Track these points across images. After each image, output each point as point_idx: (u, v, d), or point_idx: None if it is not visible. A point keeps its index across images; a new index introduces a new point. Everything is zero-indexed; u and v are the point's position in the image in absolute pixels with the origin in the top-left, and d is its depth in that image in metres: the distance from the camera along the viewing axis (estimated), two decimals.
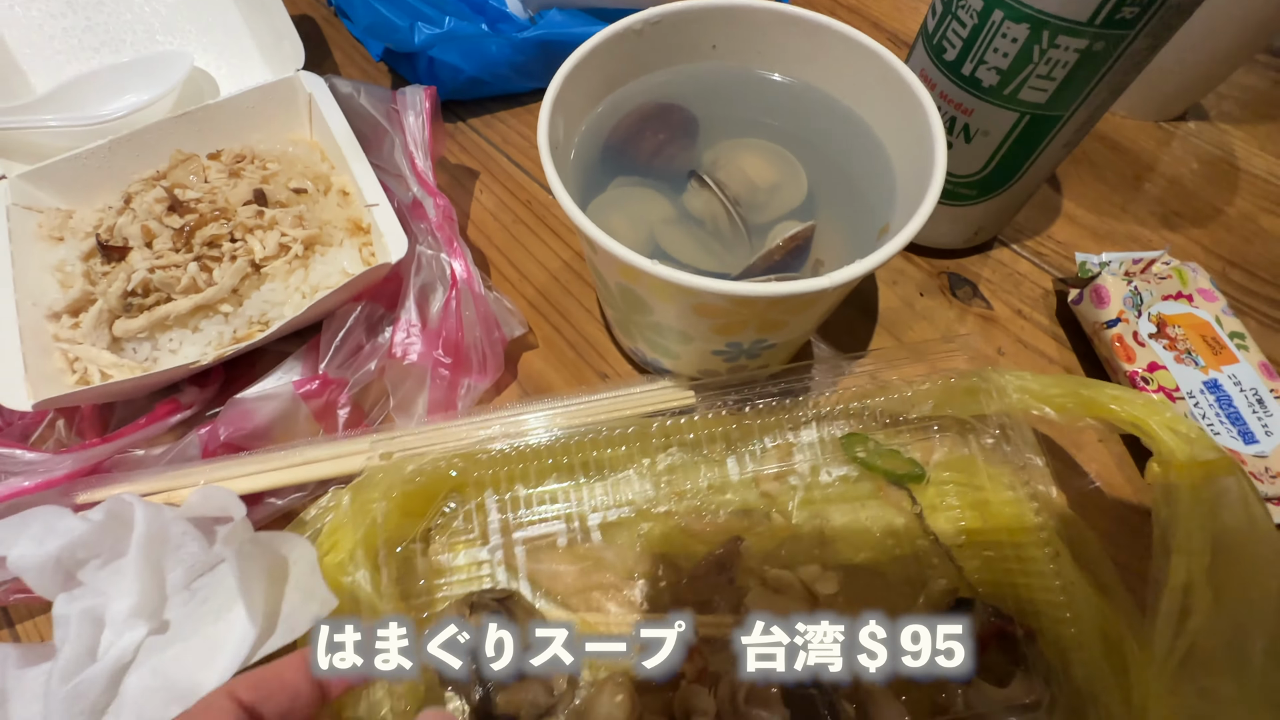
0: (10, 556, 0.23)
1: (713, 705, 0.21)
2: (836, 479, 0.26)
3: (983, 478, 0.26)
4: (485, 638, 0.20)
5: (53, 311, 0.30)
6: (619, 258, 0.22)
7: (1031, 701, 0.22)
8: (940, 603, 0.24)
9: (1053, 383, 0.26)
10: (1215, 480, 0.22)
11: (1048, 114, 0.28)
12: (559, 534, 0.26)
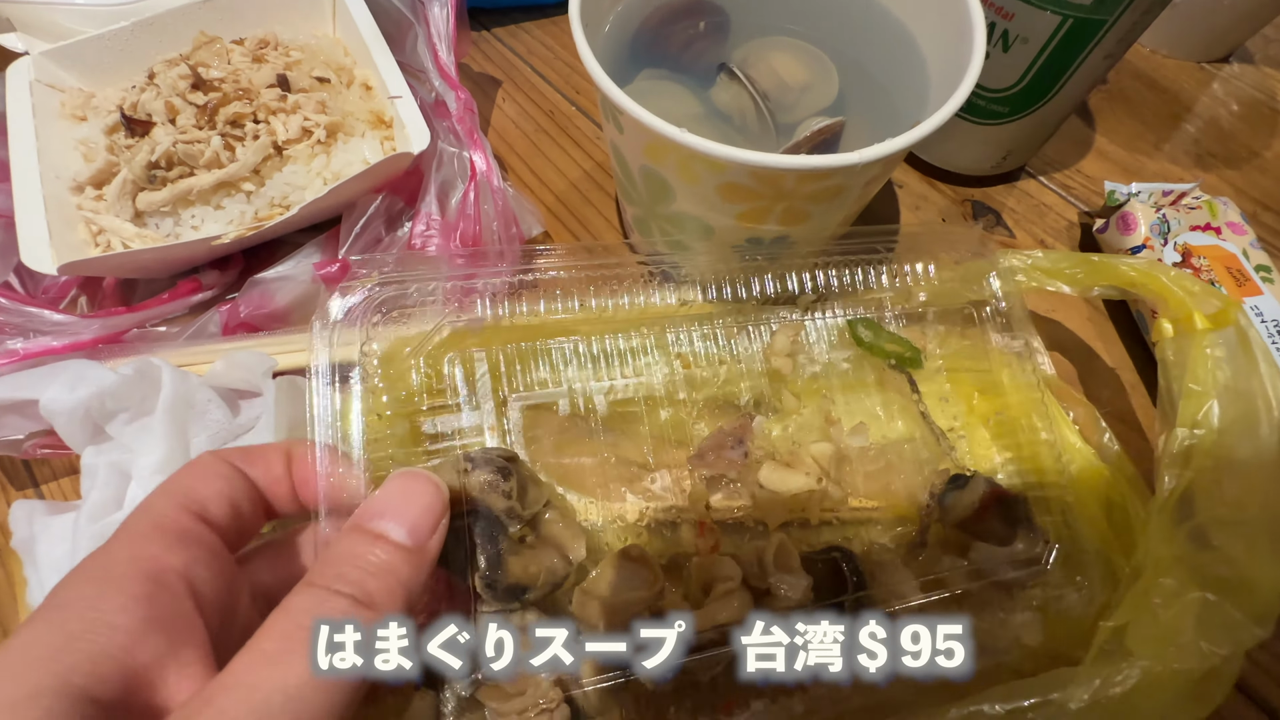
0: (43, 400, 0.23)
1: (738, 571, 0.21)
2: (842, 361, 0.27)
3: (982, 356, 0.27)
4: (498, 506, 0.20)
5: (77, 183, 0.30)
6: (649, 127, 0.22)
7: (1032, 556, 0.22)
8: (937, 486, 0.24)
9: (1062, 257, 0.27)
10: (1220, 330, 0.23)
11: (1092, 17, 0.27)
12: (560, 400, 0.26)
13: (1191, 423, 0.23)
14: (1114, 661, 0.21)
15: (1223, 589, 0.21)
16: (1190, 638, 0.20)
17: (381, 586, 0.14)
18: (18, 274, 0.30)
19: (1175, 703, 0.21)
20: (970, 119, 0.34)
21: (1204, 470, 0.23)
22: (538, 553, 0.21)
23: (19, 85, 0.33)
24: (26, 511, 0.26)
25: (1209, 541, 0.22)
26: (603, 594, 0.20)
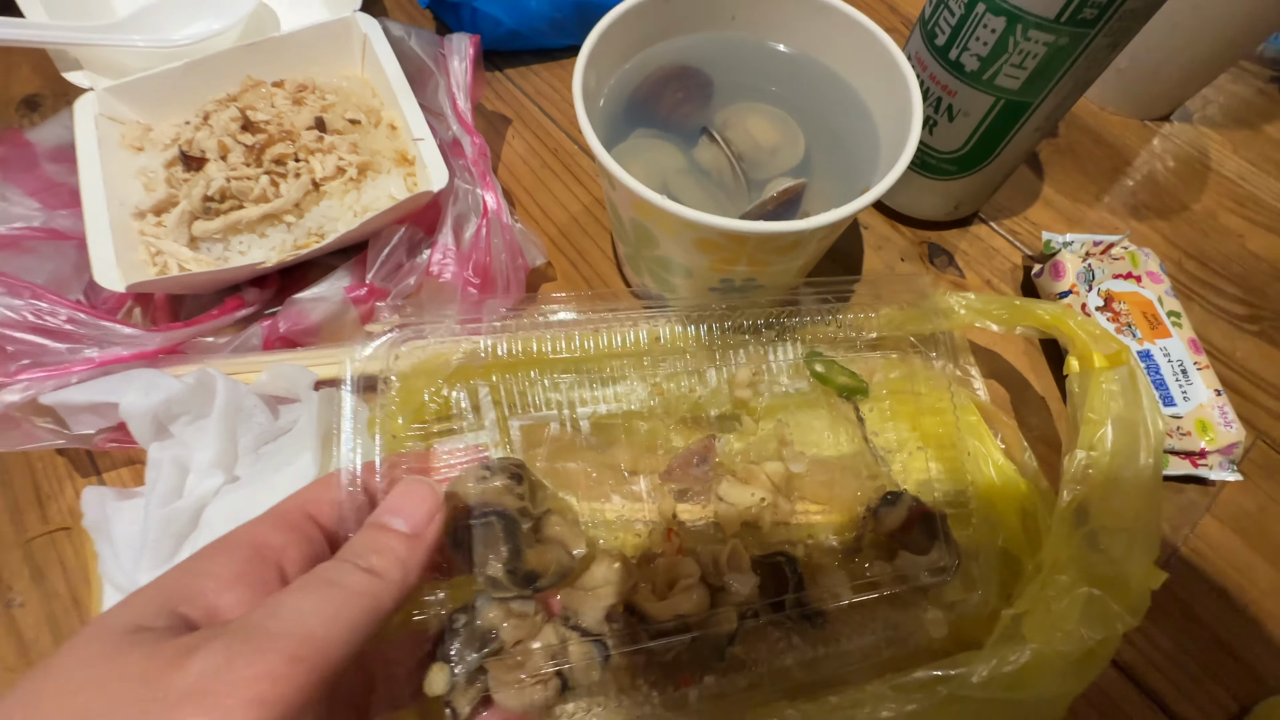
0: (122, 403, 0.28)
1: (697, 569, 0.25)
2: (797, 391, 0.31)
3: (923, 382, 0.31)
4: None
5: (139, 210, 0.35)
6: (635, 193, 0.26)
7: (944, 565, 0.27)
8: (873, 501, 0.29)
9: (992, 300, 0.31)
10: (1116, 369, 0.28)
11: (1020, 100, 0.32)
12: (552, 422, 0.30)
13: (1089, 445, 0.28)
14: (1011, 644, 0.25)
15: (1104, 585, 0.25)
16: (1074, 625, 0.25)
17: (384, 562, 0.18)
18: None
19: (1058, 678, 0.25)
20: (924, 174, 0.38)
21: (1097, 485, 0.27)
22: (546, 548, 0.24)
23: (85, 118, 0.37)
24: (98, 497, 0.31)
25: (1097, 544, 0.26)
26: (585, 586, 0.25)
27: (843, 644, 0.26)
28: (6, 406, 0.29)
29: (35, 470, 0.34)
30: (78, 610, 0.31)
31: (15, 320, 0.29)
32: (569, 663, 0.23)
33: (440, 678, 0.21)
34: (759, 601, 0.25)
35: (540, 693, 0.22)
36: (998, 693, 0.24)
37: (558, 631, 0.23)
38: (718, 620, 0.24)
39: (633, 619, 0.24)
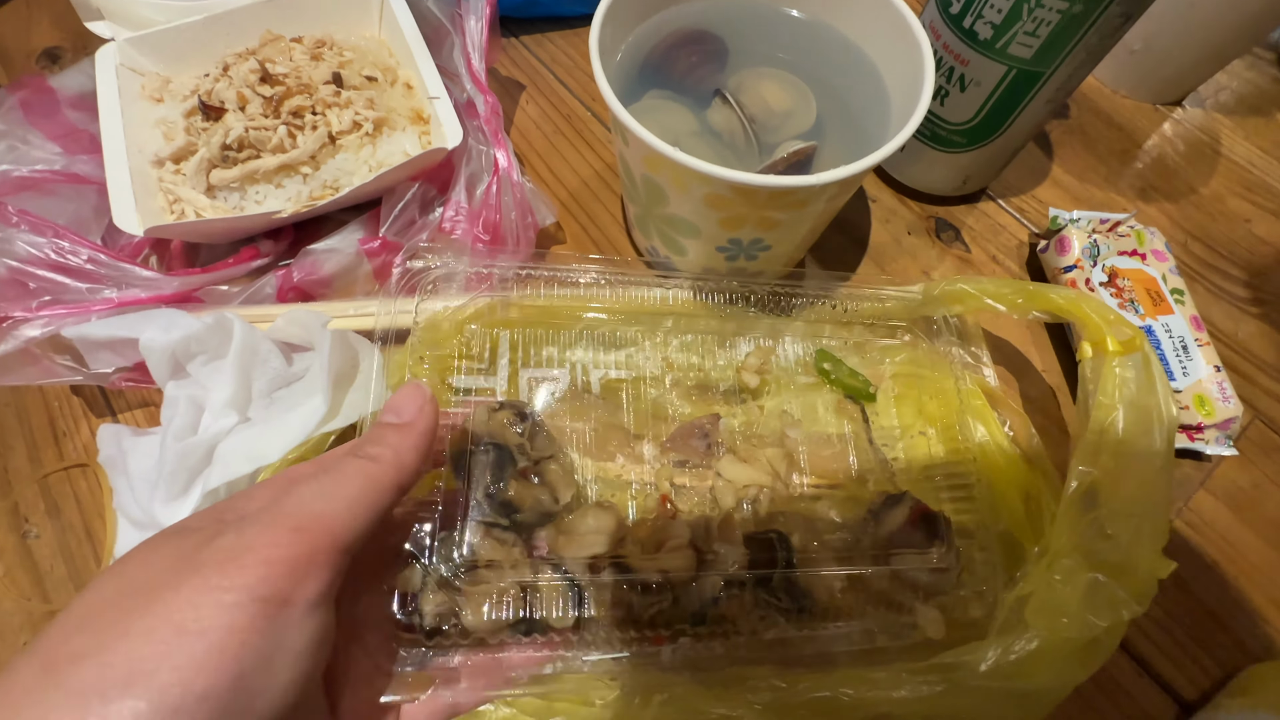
0: (142, 338, 0.28)
1: (687, 533, 0.26)
2: (805, 385, 0.31)
3: (932, 366, 0.31)
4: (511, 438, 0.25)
5: (158, 158, 0.35)
6: (648, 145, 0.27)
7: (945, 566, 0.27)
8: (875, 502, 0.29)
9: (1004, 283, 0.31)
10: (1129, 354, 0.28)
11: (1032, 69, 0.32)
12: (562, 378, 0.31)
13: (1099, 429, 0.27)
14: (1014, 631, 0.25)
15: (1111, 571, 0.25)
16: (1079, 611, 0.24)
17: (379, 449, 0.20)
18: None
19: (1063, 666, 0.24)
20: (935, 146, 0.38)
21: (1106, 470, 0.27)
22: (534, 488, 0.25)
23: (106, 67, 0.37)
24: (113, 434, 0.31)
25: (1104, 530, 0.26)
26: (575, 532, 0.25)
27: (829, 629, 0.26)
28: (27, 341, 0.29)
29: (52, 409, 0.34)
30: (91, 543, 0.31)
31: (38, 258, 0.30)
32: (538, 593, 0.23)
33: (413, 576, 0.22)
34: (746, 574, 0.25)
35: (501, 614, 0.22)
36: (1003, 682, 0.24)
37: (534, 566, 0.23)
38: (701, 584, 0.24)
39: (615, 571, 0.24)
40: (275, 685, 0.16)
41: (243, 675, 0.15)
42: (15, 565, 0.31)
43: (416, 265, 0.29)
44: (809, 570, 0.26)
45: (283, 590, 0.16)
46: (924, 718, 0.23)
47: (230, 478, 0.28)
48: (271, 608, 0.16)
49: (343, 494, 0.18)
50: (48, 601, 0.30)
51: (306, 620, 0.17)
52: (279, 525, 0.17)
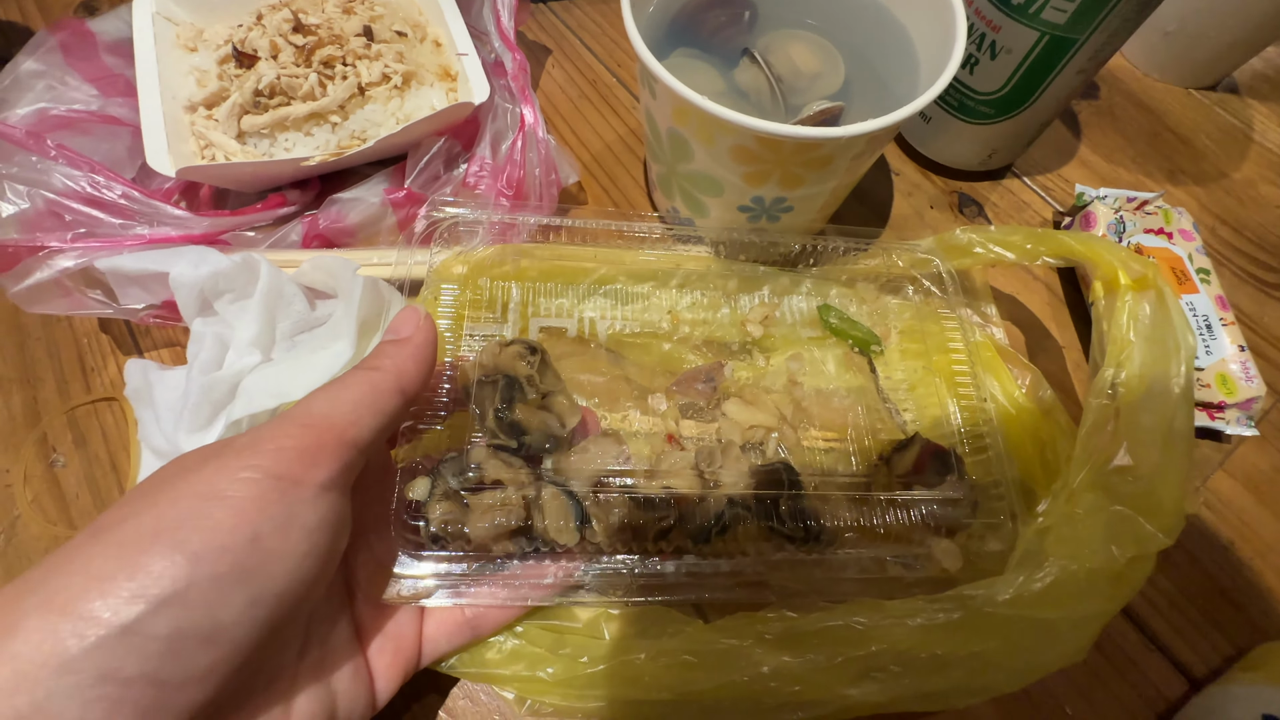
0: (172, 272, 0.29)
1: (691, 458, 0.26)
2: (811, 340, 0.32)
3: (938, 324, 0.31)
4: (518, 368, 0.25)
5: (191, 103, 0.36)
6: (676, 93, 0.27)
7: (957, 498, 0.27)
8: (885, 450, 0.29)
9: (1014, 230, 0.31)
10: (1144, 291, 0.28)
11: (1065, 36, 0.32)
12: (571, 330, 0.31)
13: (1116, 364, 0.27)
14: (1035, 563, 0.24)
15: (1134, 504, 0.24)
16: (1102, 543, 0.24)
17: (379, 361, 0.22)
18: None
19: (1088, 597, 0.24)
20: (961, 117, 0.38)
21: (1125, 404, 0.26)
22: (542, 414, 0.26)
23: (143, 14, 0.38)
24: (140, 368, 0.32)
25: (1125, 463, 0.25)
26: (580, 455, 0.25)
27: (839, 556, 0.26)
28: (61, 271, 0.30)
29: (81, 345, 0.35)
30: (115, 474, 0.32)
31: (74, 190, 0.31)
32: (542, 508, 0.23)
33: (421, 485, 0.23)
34: (751, 498, 0.25)
35: (501, 519, 0.23)
36: (1025, 610, 0.24)
37: (539, 484, 0.24)
38: (705, 503, 0.25)
39: (620, 491, 0.25)
40: (290, 552, 0.18)
41: (258, 537, 0.17)
42: (43, 492, 0.32)
43: (438, 215, 0.29)
44: (816, 501, 0.26)
45: (294, 471, 0.18)
46: (941, 654, 0.23)
47: (253, 411, 0.29)
48: (284, 484, 0.18)
49: (348, 397, 0.21)
50: (72, 527, 0.31)
51: (318, 500, 0.19)
52: (290, 422, 0.19)
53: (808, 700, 0.23)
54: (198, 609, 0.16)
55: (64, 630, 0.15)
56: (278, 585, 0.18)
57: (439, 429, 0.25)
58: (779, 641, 0.22)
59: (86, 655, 0.15)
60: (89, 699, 0.15)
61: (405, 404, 0.22)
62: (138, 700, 0.15)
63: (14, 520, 0.31)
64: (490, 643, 0.24)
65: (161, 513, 0.17)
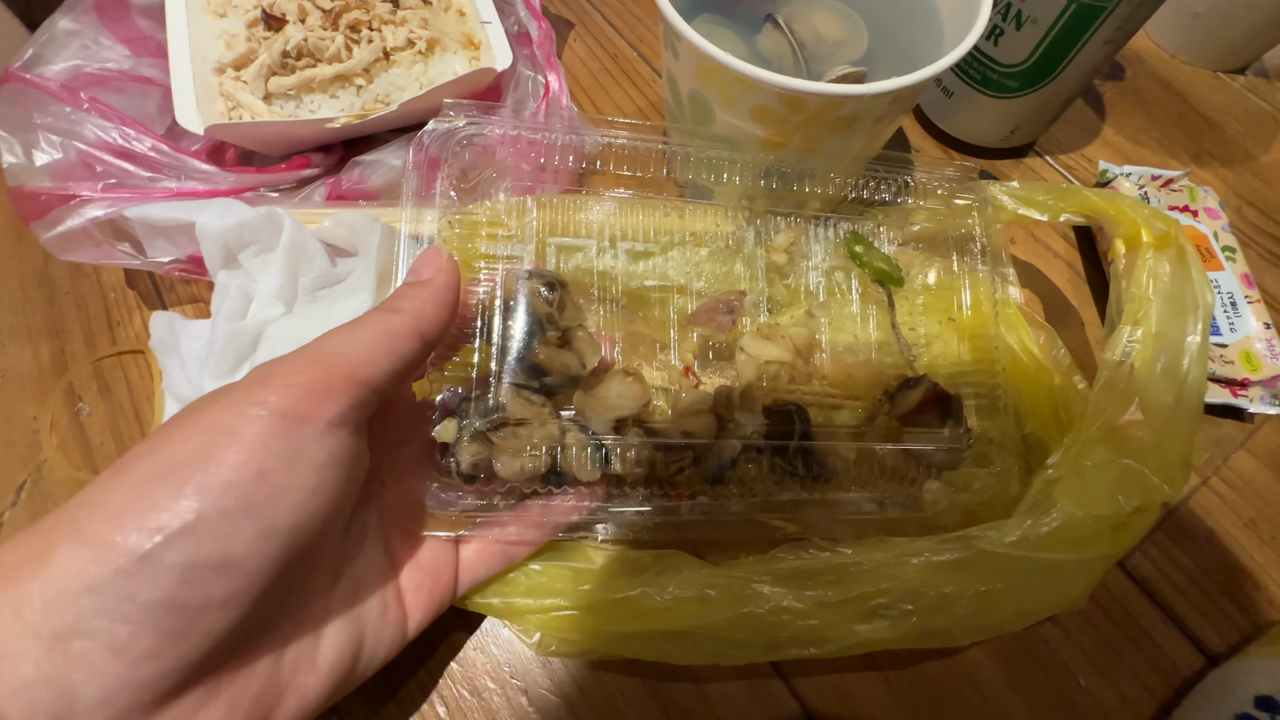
0: (199, 221, 0.30)
1: (709, 400, 0.26)
2: (833, 268, 0.31)
3: (961, 276, 0.31)
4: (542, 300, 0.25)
5: (220, 64, 0.36)
6: (699, 49, 0.27)
7: (955, 446, 0.27)
8: (892, 386, 0.29)
9: (1036, 187, 0.31)
10: (1165, 249, 0.28)
11: (1093, 4, 0.31)
12: (589, 250, 0.31)
13: (1133, 320, 0.27)
14: (1044, 508, 0.25)
15: (1142, 457, 0.25)
16: (1109, 492, 0.24)
17: (398, 303, 0.22)
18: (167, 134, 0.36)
19: (1092, 540, 0.25)
20: (984, 91, 0.38)
21: (1140, 359, 0.27)
22: (562, 353, 0.26)
23: None
24: (166, 320, 0.33)
25: (1136, 418, 0.26)
26: (601, 396, 0.25)
27: (840, 495, 0.26)
28: (91, 220, 0.31)
29: (108, 300, 0.36)
30: (139, 424, 0.33)
31: (105, 142, 0.31)
32: (565, 448, 0.24)
33: (449, 428, 0.23)
34: (764, 441, 0.26)
35: (529, 464, 0.23)
36: (1031, 551, 0.24)
37: (561, 425, 0.24)
38: (720, 447, 0.25)
39: (639, 432, 0.25)
40: (298, 487, 0.18)
41: (264, 472, 0.18)
42: (68, 439, 0.32)
43: (444, 127, 0.28)
44: (824, 441, 0.27)
45: (301, 408, 0.19)
46: (948, 592, 0.23)
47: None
48: (290, 420, 0.18)
49: (363, 336, 0.21)
50: (95, 472, 0.32)
51: (326, 437, 0.19)
52: (303, 358, 0.20)
53: (819, 636, 0.23)
54: (207, 540, 0.17)
55: (89, 558, 0.16)
56: (288, 519, 0.18)
57: (457, 366, 0.25)
58: (790, 577, 0.22)
59: (109, 580, 0.16)
60: (114, 619, 0.16)
61: (424, 347, 0.22)
62: (158, 622, 0.16)
63: (40, 465, 0.32)
64: (510, 579, 0.25)
65: (174, 450, 0.18)
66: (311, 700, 0.20)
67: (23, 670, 0.15)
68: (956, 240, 0.31)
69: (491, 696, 0.27)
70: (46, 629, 0.15)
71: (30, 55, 0.33)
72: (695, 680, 0.28)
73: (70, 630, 0.15)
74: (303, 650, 0.20)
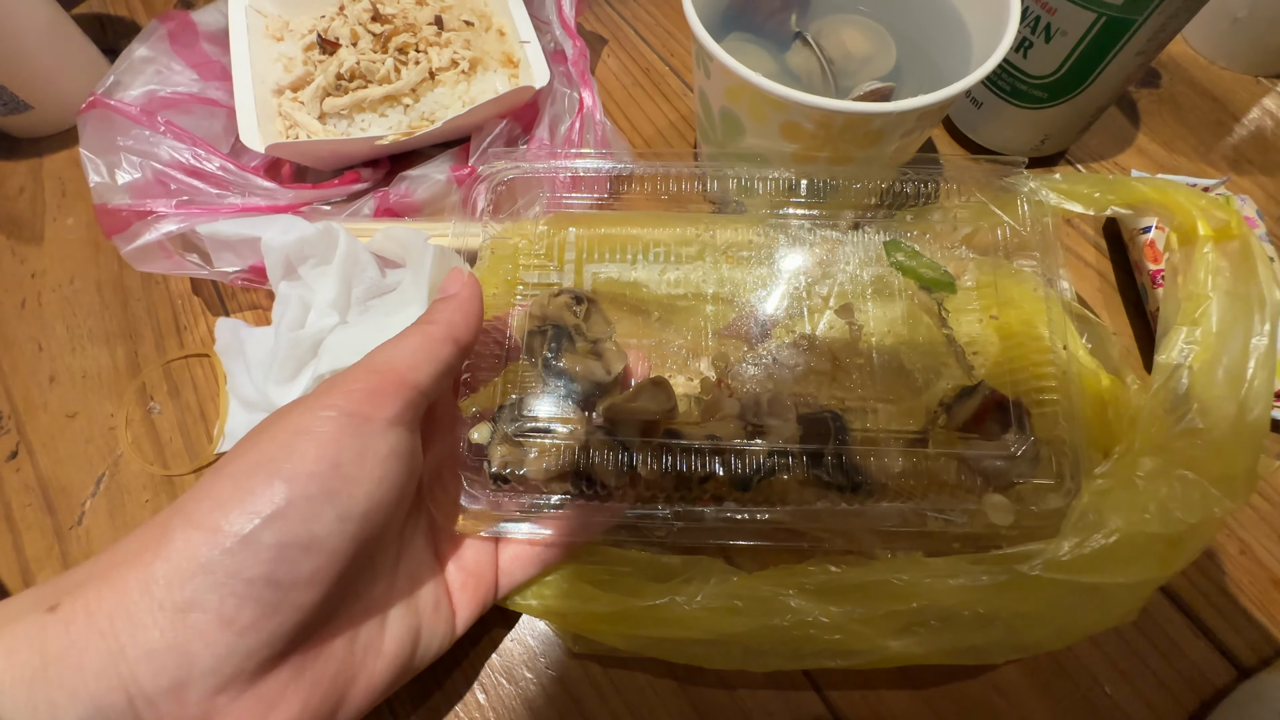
0: (265, 236, 0.32)
1: (738, 406, 0.27)
2: (874, 277, 0.31)
3: (1008, 274, 0.29)
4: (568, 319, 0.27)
5: (278, 87, 0.39)
6: (729, 69, 0.28)
7: (1016, 453, 0.25)
8: (948, 396, 0.28)
9: (1081, 179, 0.29)
10: (1225, 242, 0.26)
11: (1123, 16, 0.31)
12: (624, 275, 0.31)
13: (1190, 321, 0.25)
14: (1090, 527, 0.23)
15: (1201, 468, 0.23)
16: (1163, 507, 0.23)
17: (433, 316, 0.25)
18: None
19: (1142, 562, 0.23)
20: (1013, 102, 0.38)
21: (1200, 364, 0.25)
22: (589, 360, 0.27)
23: (237, 8, 0.41)
24: (230, 327, 0.35)
25: (1194, 426, 0.24)
26: (629, 403, 0.26)
27: (880, 507, 0.25)
28: (165, 235, 0.33)
29: (176, 306, 0.39)
30: (204, 422, 0.35)
31: (179, 161, 0.34)
32: (592, 452, 0.25)
33: (482, 430, 0.25)
34: (797, 448, 0.25)
35: (555, 466, 0.24)
36: (1077, 574, 0.23)
37: (590, 431, 0.25)
38: (749, 453, 0.25)
39: (666, 438, 0.26)
40: (367, 477, 0.21)
41: (339, 464, 0.20)
42: (141, 435, 0.35)
43: (489, 170, 0.30)
44: (864, 451, 0.25)
45: (364, 409, 0.21)
46: (983, 611, 0.23)
47: (335, 367, 0.31)
48: (356, 420, 0.21)
49: (407, 346, 0.24)
50: (166, 468, 0.34)
51: (386, 433, 0.21)
52: (359, 369, 0.23)
53: (847, 649, 0.23)
54: (296, 522, 0.19)
55: (199, 540, 0.18)
56: (360, 505, 0.20)
57: (496, 381, 0.26)
58: (819, 592, 0.23)
59: (217, 559, 0.18)
60: (224, 594, 0.18)
61: (459, 351, 0.24)
62: (259, 597, 0.19)
63: (117, 459, 0.34)
64: (547, 581, 0.26)
65: (263, 449, 0.20)
66: (377, 685, 0.22)
67: (151, 638, 0.17)
68: (1003, 237, 0.30)
69: (528, 686, 0.29)
70: (169, 602, 0.18)
71: (112, 82, 0.36)
72: (725, 682, 0.29)
73: (188, 604, 0.18)
74: (371, 635, 0.22)
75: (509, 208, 0.32)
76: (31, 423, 0.36)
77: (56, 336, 0.38)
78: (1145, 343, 0.36)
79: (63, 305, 0.39)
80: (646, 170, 0.31)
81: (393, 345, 0.23)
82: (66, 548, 0.33)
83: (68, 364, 0.37)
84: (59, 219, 0.42)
